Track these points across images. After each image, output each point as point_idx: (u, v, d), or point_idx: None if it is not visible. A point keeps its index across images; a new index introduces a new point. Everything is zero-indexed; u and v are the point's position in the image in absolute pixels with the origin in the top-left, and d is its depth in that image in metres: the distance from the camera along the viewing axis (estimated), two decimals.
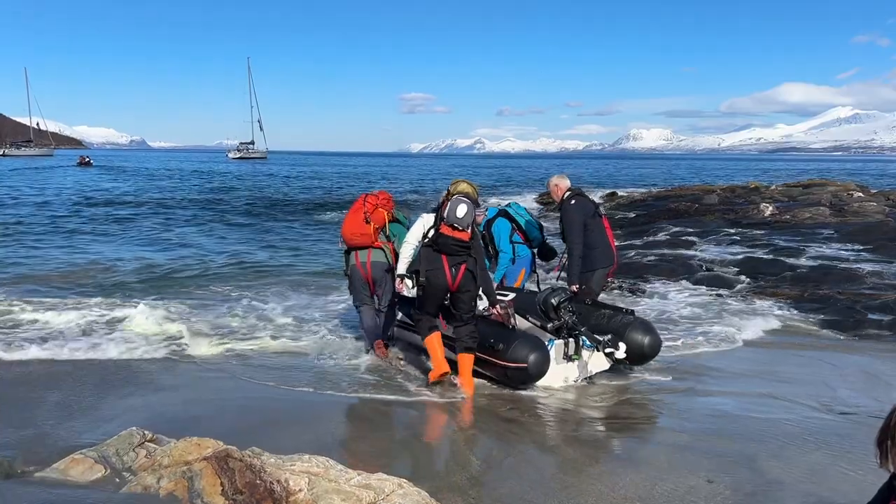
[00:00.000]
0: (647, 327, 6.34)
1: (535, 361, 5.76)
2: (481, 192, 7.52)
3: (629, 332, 6.18)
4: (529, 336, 6.04)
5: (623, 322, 6.28)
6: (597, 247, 6.80)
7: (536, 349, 5.82)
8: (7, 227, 19.05)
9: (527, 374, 5.81)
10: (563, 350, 6.13)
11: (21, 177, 49.44)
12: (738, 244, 15.46)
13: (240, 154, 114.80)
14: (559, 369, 6.14)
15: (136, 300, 9.64)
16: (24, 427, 5.11)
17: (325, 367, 6.87)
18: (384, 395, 6.03)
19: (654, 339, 6.28)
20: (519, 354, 5.78)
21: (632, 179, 60.10)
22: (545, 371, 5.89)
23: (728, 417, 5.56)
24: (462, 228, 5.74)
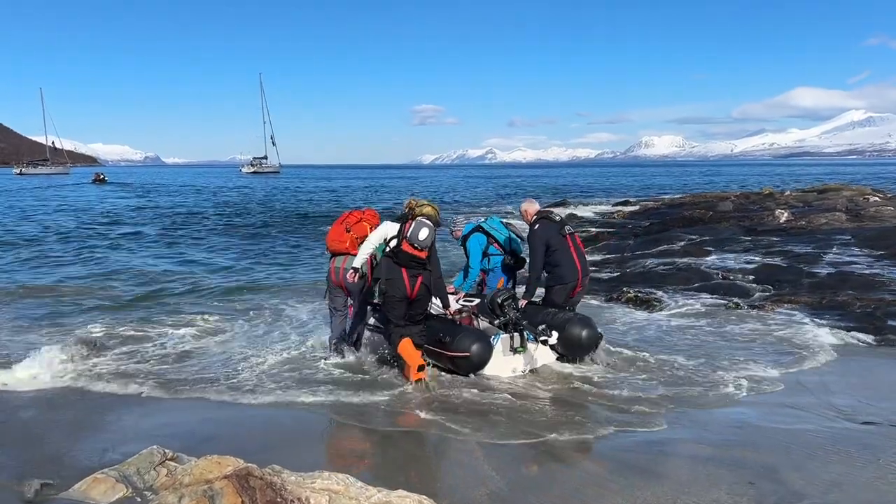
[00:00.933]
0: (585, 322, 6.99)
1: (477, 351, 6.51)
2: (497, 201, 7.64)
3: (568, 326, 6.88)
4: (473, 329, 6.87)
5: (564, 318, 6.99)
6: (560, 264, 7.31)
7: (478, 340, 6.59)
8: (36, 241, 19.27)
9: (469, 362, 6.57)
10: (509, 343, 6.82)
11: (35, 193, 49.98)
12: (754, 251, 15.37)
13: (253, 169, 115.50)
14: (506, 360, 6.85)
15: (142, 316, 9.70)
16: (43, 448, 5.15)
17: (340, 382, 6.89)
18: (399, 410, 6.03)
19: (592, 333, 6.94)
20: (462, 345, 6.52)
21: (645, 187, 59.93)
22: (486, 359, 6.63)
23: (749, 428, 5.51)
24: (421, 249, 6.38)
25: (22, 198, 46.39)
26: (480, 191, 57.54)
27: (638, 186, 62.48)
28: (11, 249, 18.37)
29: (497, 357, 6.78)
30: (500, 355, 6.81)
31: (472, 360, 6.55)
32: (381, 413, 5.99)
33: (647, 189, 55.84)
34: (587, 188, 61.22)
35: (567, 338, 6.82)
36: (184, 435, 5.32)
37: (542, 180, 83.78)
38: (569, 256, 7.31)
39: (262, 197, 48.23)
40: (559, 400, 6.31)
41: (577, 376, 6.93)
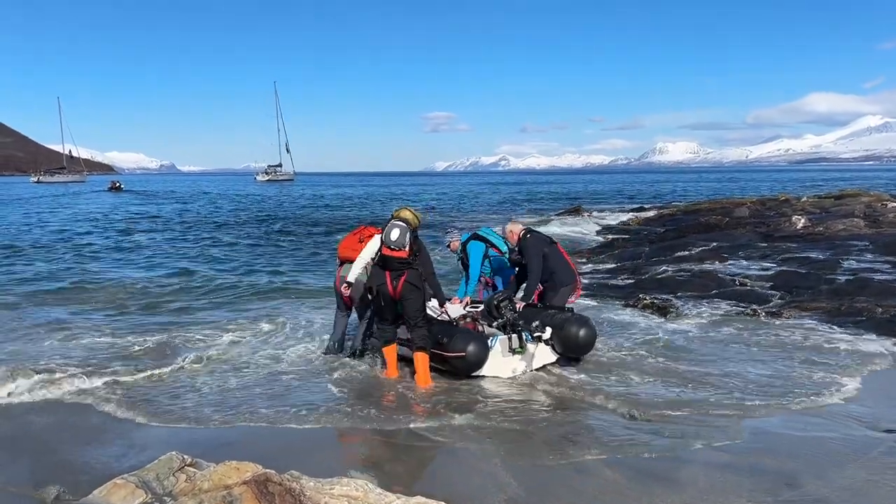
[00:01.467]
0: (582, 321, 7.20)
1: (473, 351, 6.67)
2: (512, 209, 7.71)
3: (566, 325, 7.09)
4: (471, 332, 7.04)
5: (563, 318, 7.20)
6: (558, 269, 7.74)
7: (474, 341, 6.76)
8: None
9: (465, 362, 6.72)
10: (507, 344, 6.93)
11: (52, 200, 50.48)
12: (771, 258, 15.24)
13: (268, 177, 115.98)
14: (505, 361, 6.99)
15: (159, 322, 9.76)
16: (60, 454, 5.19)
17: (355, 386, 6.90)
18: (415, 417, 6.03)
19: (589, 332, 7.12)
20: (459, 345, 6.69)
21: (659, 194, 59.70)
22: (483, 359, 6.78)
23: (769, 435, 5.46)
24: (397, 248, 6.65)
25: (47, 206, 46.87)
26: (496, 197, 57.48)
27: (652, 193, 62.26)
28: (28, 255, 18.57)
29: (496, 358, 6.95)
30: (498, 356, 6.98)
31: (468, 360, 6.71)
32: (397, 420, 5.99)
33: (662, 195, 55.63)
34: (601, 194, 61.09)
35: (565, 337, 7.06)
36: (202, 441, 5.34)
37: (555, 187, 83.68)
38: (564, 261, 7.83)
39: (282, 204, 48.46)
40: (576, 407, 6.29)
41: (594, 383, 6.91)
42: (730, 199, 32.36)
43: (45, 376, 7.09)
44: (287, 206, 46.75)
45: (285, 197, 61.30)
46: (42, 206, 47.41)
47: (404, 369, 7.18)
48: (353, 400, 6.47)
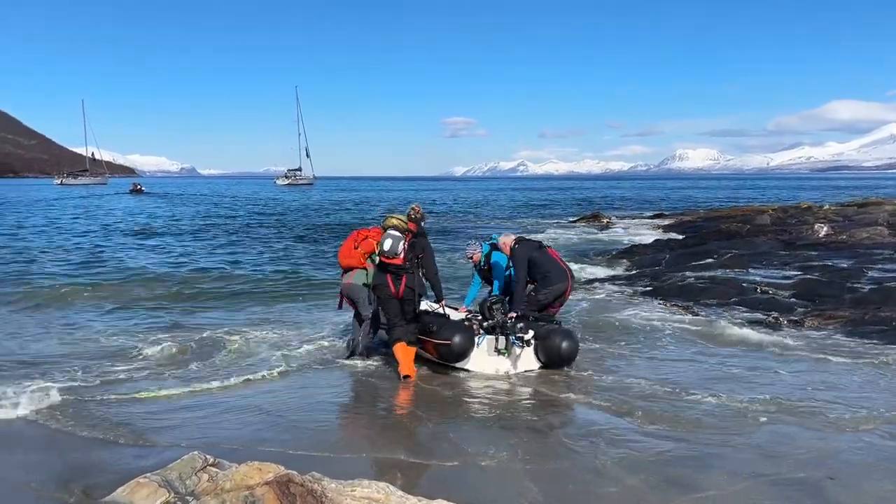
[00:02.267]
0: (567, 334, 7.52)
1: (458, 341, 7.13)
2: (528, 214, 7.73)
3: (551, 336, 7.41)
4: (459, 323, 7.45)
5: (548, 329, 7.54)
6: (550, 270, 8.01)
7: (461, 332, 7.22)
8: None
9: (450, 350, 7.19)
10: (493, 344, 7.39)
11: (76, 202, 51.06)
12: (793, 266, 15.10)
13: (288, 181, 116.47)
14: (490, 360, 7.42)
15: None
16: (85, 452, 5.24)
17: (373, 388, 6.93)
18: (433, 420, 6.04)
19: (571, 344, 7.41)
20: (446, 334, 7.17)
21: (680, 200, 59.34)
22: (467, 350, 7.23)
23: (792, 443, 5.40)
24: (392, 256, 7.15)
25: (76, 209, 47.42)
26: (512, 202, 57.39)
27: (672, 199, 61.89)
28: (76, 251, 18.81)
29: (482, 356, 7.40)
30: (484, 354, 7.41)
31: (452, 349, 7.17)
32: (416, 423, 6.00)
33: (682, 202, 55.29)
34: (620, 201, 60.82)
35: (548, 347, 7.38)
36: (223, 441, 5.37)
37: (575, 193, 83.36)
38: (555, 263, 8.12)
39: (308, 208, 48.71)
40: (591, 412, 6.27)
41: (608, 387, 6.89)
42: (751, 207, 32.13)
43: (60, 375, 7.19)
44: (311, 211, 46.97)
45: (313, 201, 61.59)
46: (68, 208, 47.98)
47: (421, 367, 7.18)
48: (372, 402, 6.50)
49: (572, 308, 11.16)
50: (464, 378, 7.38)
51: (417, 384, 7.12)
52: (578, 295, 12.47)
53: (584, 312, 10.91)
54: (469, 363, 7.40)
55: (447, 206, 51.00)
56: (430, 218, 35.98)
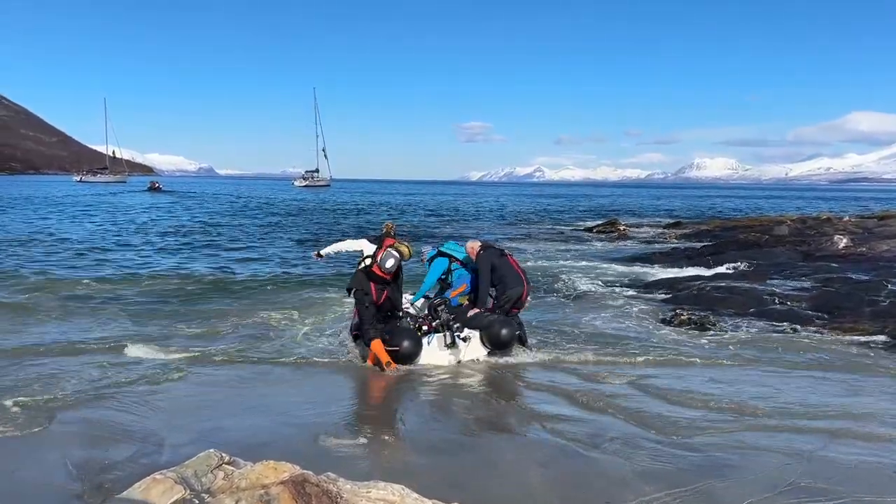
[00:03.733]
0: (506, 323, 8.29)
1: (406, 346, 7.91)
2: (542, 220, 7.67)
3: (492, 325, 8.24)
4: (407, 330, 8.20)
5: (490, 319, 8.37)
6: (507, 276, 8.75)
7: (408, 339, 7.98)
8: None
9: (399, 355, 7.88)
10: (443, 341, 8.17)
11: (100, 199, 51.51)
12: (812, 277, 14.94)
13: (305, 182, 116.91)
14: (442, 354, 8.21)
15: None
16: (101, 448, 5.27)
17: (390, 387, 6.93)
18: (451, 421, 6.03)
19: (509, 331, 8.20)
20: (395, 341, 7.91)
21: (697, 209, 59.00)
22: (415, 353, 8.00)
23: (816, 459, 5.33)
24: (387, 273, 7.90)
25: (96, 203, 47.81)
26: (525, 209, 57.28)
27: (689, 208, 61.54)
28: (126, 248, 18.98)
29: (434, 352, 8.20)
30: (436, 351, 8.21)
31: (400, 353, 7.89)
32: (433, 423, 6.00)
33: (699, 211, 54.97)
34: (637, 208, 60.54)
35: (491, 335, 8.21)
36: (240, 439, 5.38)
37: (592, 200, 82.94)
38: (512, 271, 8.83)
39: (332, 211, 48.88)
40: (606, 419, 6.23)
41: (628, 395, 6.84)
42: (769, 217, 31.88)
43: (72, 372, 7.24)
44: (346, 211, 47.10)
45: (333, 202, 61.79)
46: (82, 205, 48.40)
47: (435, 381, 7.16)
48: (386, 402, 6.51)
49: (587, 316, 11.14)
50: (478, 382, 7.37)
51: (428, 385, 7.11)
52: (596, 303, 12.44)
53: (600, 320, 10.86)
54: (424, 360, 8.15)
55: (464, 212, 50.99)
56: (452, 224, 36.06)
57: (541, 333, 9.82)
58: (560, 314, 11.37)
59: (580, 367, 8.13)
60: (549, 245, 24.37)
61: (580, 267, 17.72)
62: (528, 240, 26.76)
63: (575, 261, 19.22)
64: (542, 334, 9.79)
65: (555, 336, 9.74)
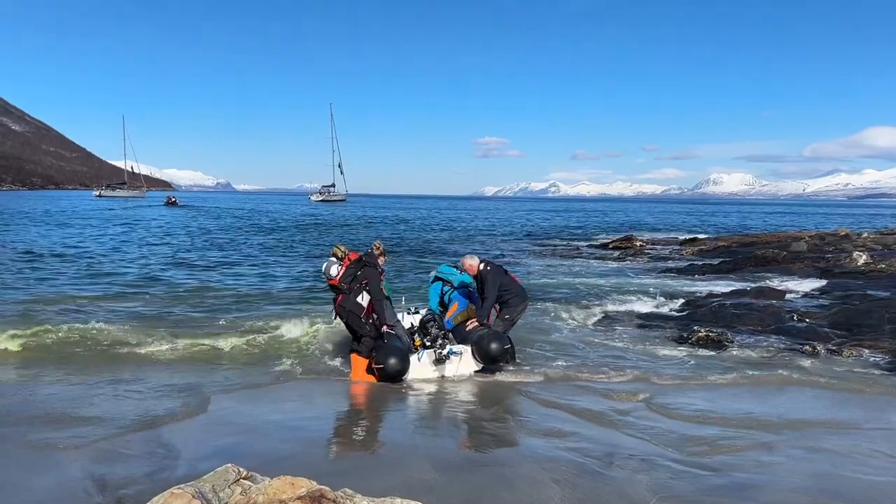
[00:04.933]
0: (496, 337, 8.31)
1: (391, 364, 7.91)
2: (568, 235, 7.62)
3: (482, 340, 8.25)
4: (395, 347, 8.24)
5: (481, 334, 8.40)
6: (515, 292, 9.04)
7: (395, 357, 7.99)
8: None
9: (385, 373, 7.93)
10: (433, 356, 8.26)
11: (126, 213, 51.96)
12: (831, 294, 14.82)
13: (321, 197, 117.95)
14: (432, 369, 8.31)
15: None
16: (119, 461, 5.29)
17: (403, 401, 6.92)
18: (466, 438, 6.01)
19: (498, 346, 8.19)
20: (381, 359, 7.94)
21: (714, 225, 58.65)
22: (401, 371, 8.00)
23: (832, 477, 5.26)
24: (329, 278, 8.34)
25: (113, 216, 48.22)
26: (542, 224, 57.15)
27: (706, 224, 61.18)
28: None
29: (425, 367, 8.30)
30: (427, 366, 8.31)
31: (386, 371, 7.94)
32: (447, 440, 5.98)
33: (716, 227, 54.63)
34: (653, 224, 60.26)
35: (481, 350, 8.22)
36: (257, 454, 5.39)
37: (607, 216, 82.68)
38: (516, 284, 9.17)
39: (352, 226, 49.05)
40: (621, 434, 6.19)
41: (653, 412, 6.79)
42: (787, 233, 31.65)
43: (93, 384, 7.28)
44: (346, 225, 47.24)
45: (353, 217, 62.01)
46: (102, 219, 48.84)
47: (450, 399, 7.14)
48: (402, 416, 6.50)
49: (601, 332, 11.08)
50: (492, 398, 7.35)
51: (442, 401, 7.09)
52: (611, 319, 12.38)
53: (614, 336, 10.81)
54: (413, 375, 8.21)
55: (476, 228, 50.98)
56: (460, 240, 36.07)
57: (553, 350, 9.79)
58: (573, 330, 11.33)
59: (594, 384, 8.09)
60: (562, 261, 24.29)
61: (594, 283, 17.65)
62: (542, 255, 26.69)
63: (589, 277, 19.14)
64: (555, 350, 9.76)
65: (568, 352, 9.71)
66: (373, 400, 7.48)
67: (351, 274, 8.35)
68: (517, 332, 10.01)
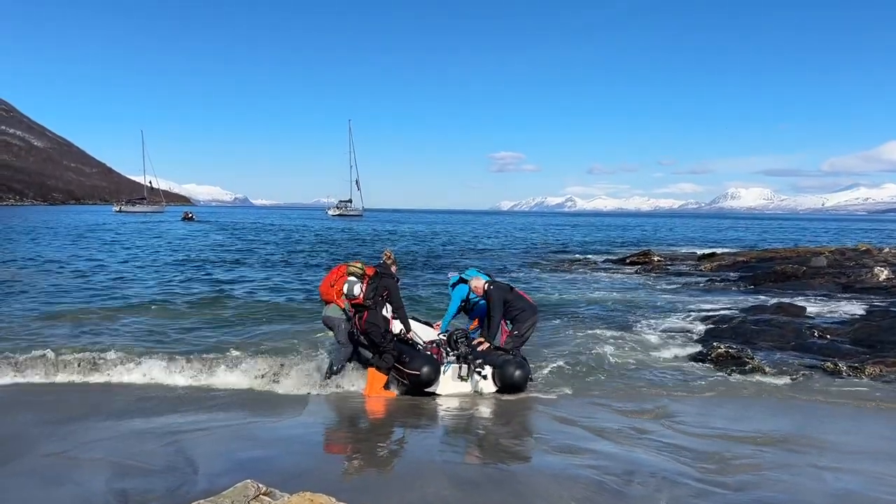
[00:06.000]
0: (520, 365, 8.32)
1: (426, 372, 8.00)
2: (584, 249, 7.58)
3: (505, 365, 8.24)
4: (427, 355, 8.32)
5: (504, 359, 8.38)
6: (524, 308, 9.01)
7: (429, 364, 8.09)
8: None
9: (419, 380, 8.04)
10: (457, 372, 8.30)
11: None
12: (852, 310, 14.66)
13: (339, 211, 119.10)
14: (454, 385, 8.32)
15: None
16: (139, 476, 5.32)
17: (425, 422, 6.90)
18: (485, 455, 5.98)
19: (522, 374, 8.23)
20: (415, 366, 8.05)
21: (732, 239, 58.25)
22: (434, 380, 8.07)
23: (858, 498, 5.19)
24: (353, 298, 8.36)
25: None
26: (557, 238, 57.00)
27: (724, 238, 60.76)
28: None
29: (447, 382, 8.28)
30: (449, 381, 8.31)
31: (421, 379, 8.01)
32: (465, 457, 5.96)
33: (734, 241, 54.25)
34: (671, 239, 59.92)
35: (503, 375, 8.21)
36: (276, 470, 5.40)
37: (624, 231, 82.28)
38: (525, 300, 9.17)
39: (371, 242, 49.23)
40: (651, 451, 6.14)
41: (672, 430, 6.74)
42: (806, 248, 31.37)
43: (116, 397, 7.33)
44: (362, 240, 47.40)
45: (370, 231, 62.25)
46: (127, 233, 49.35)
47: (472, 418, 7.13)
48: (420, 435, 6.47)
49: (619, 348, 11.03)
50: (509, 415, 7.33)
51: (460, 417, 7.07)
52: (628, 335, 12.31)
53: (632, 352, 10.75)
54: (436, 388, 8.21)
55: (491, 242, 50.95)
56: (474, 253, 36.07)
57: (571, 366, 9.75)
58: (589, 347, 11.25)
59: (611, 401, 8.05)
60: (578, 275, 24.20)
61: (610, 298, 17.56)
62: (557, 270, 26.60)
63: (604, 292, 19.05)
64: (572, 367, 9.71)
65: (585, 369, 9.66)
66: (391, 416, 7.49)
67: (373, 288, 8.37)
68: (532, 349, 10.02)
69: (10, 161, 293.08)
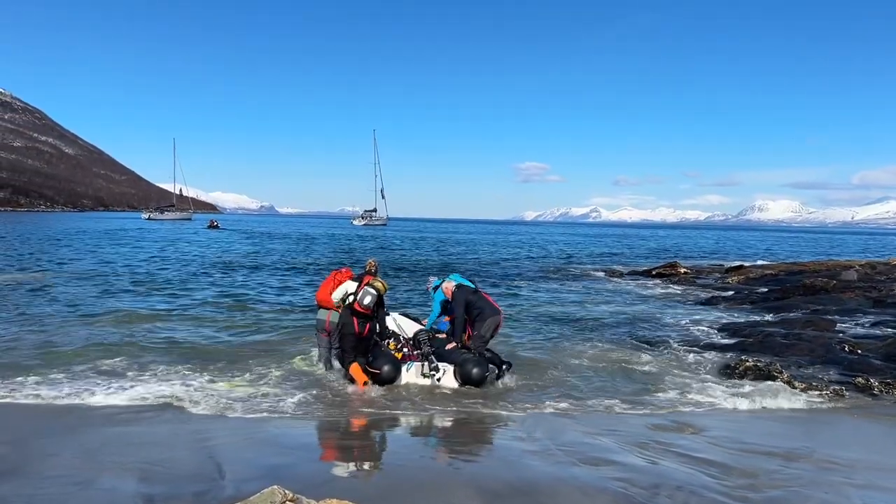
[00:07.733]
0: (478, 363, 8.97)
1: (387, 370, 8.77)
2: (610, 261, 7.49)
3: (465, 363, 8.93)
4: (390, 355, 9.08)
5: (465, 357, 9.08)
6: (484, 307, 9.57)
7: (390, 363, 8.86)
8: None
9: (380, 378, 8.74)
10: (421, 369, 9.04)
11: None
12: (884, 325, 14.41)
13: (364, 221, 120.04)
14: (418, 381, 8.96)
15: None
16: (165, 481, 5.37)
17: (451, 431, 6.88)
18: (510, 467, 5.96)
19: (480, 371, 8.88)
20: (378, 364, 8.81)
21: (760, 252, 57.55)
22: (394, 378, 8.84)
23: None
24: (366, 309, 8.86)
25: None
26: (581, 249, 56.69)
27: (752, 251, 60.05)
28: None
29: (411, 378, 8.97)
30: (413, 377, 9.00)
31: (381, 377, 8.72)
32: (492, 469, 5.94)
33: (762, 254, 53.59)
34: (698, 251, 59.32)
35: (463, 372, 8.88)
36: (302, 476, 5.43)
37: (650, 242, 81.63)
38: (487, 303, 9.69)
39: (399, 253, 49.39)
40: (679, 465, 6.08)
41: (699, 443, 6.67)
42: (836, 261, 30.92)
43: (141, 403, 7.40)
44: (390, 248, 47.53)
45: (401, 240, 62.47)
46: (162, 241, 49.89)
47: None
48: (445, 444, 6.47)
49: (645, 361, 10.94)
50: (534, 427, 7.27)
51: (486, 429, 7.04)
52: (654, 348, 12.21)
53: (659, 365, 10.66)
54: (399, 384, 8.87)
55: (509, 252, 50.82)
56: (490, 264, 35.99)
57: (596, 378, 9.68)
58: (616, 359, 11.18)
59: (637, 413, 7.98)
60: (603, 286, 24.05)
61: (638, 310, 17.43)
62: (581, 280, 26.45)
63: (632, 304, 18.92)
64: (598, 379, 9.65)
65: (610, 380, 9.59)
66: (416, 425, 7.48)
67: (380, 303, 9.10)
68: (557, 360, 9.97)
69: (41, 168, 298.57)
